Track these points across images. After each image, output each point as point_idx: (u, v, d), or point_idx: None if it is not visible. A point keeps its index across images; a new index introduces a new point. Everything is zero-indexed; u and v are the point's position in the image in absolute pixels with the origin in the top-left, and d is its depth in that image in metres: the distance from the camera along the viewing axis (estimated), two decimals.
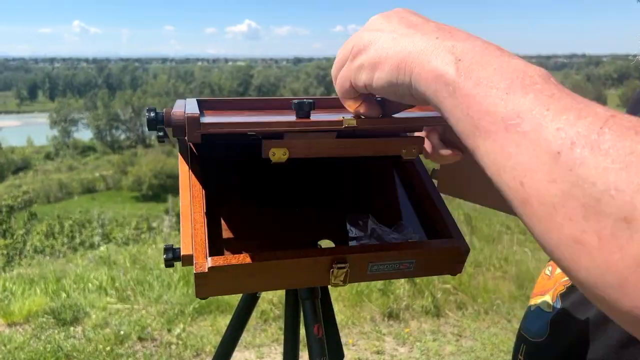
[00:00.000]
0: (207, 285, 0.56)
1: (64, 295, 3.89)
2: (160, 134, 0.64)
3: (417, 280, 3.83)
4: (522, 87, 0.37)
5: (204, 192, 0.63)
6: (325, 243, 0.66)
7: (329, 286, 0.68)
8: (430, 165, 0.79)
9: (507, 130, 0.36)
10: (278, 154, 0.55)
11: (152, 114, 0.60)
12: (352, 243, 0.65)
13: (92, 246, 8.79)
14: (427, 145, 0.74)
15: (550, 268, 0.78)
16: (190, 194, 0.62)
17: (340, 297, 3.70)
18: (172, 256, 0.59)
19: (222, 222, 0.64)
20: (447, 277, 3.95)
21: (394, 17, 0.50)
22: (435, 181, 0.79)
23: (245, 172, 0.73)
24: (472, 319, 3.53)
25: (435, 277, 3.91)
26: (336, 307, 2.21)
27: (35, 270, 5.23)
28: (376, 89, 0.48)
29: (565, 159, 0.33)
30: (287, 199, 0.70)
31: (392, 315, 3.56)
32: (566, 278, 0.70)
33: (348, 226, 0.66)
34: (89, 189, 49.81)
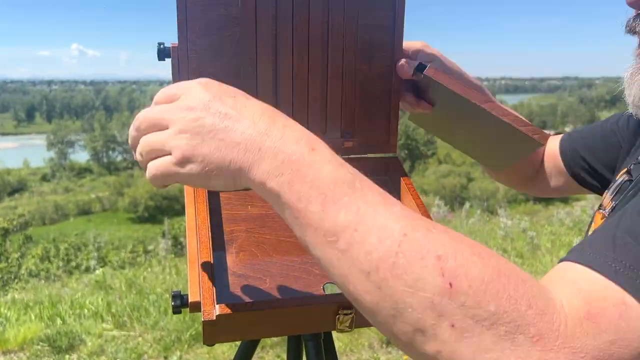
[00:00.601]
0: (215, 333, 0.57)
1: (59, 321, 3.86)
2: None
3: None
4: (333, 202, 0.44)
5: (210, 235, 0.64)
6: (330, 287, 0.66)
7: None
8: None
9: (329, 246, 0.44)
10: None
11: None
12: None
13: (87, 270, 8.73)
14: (409, 99, 0.91)
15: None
16: (197, 239, 0.63)
17: None
18: (180, 303, 0.60)
19: (229, 265, 0.65)
20: None
21: (213, 100, 0.49)
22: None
23: (251, 215, 0.74)
24: None
25: None
26: (334, 334, 2.20)
27: (30, 295, 5.19)
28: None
29: (373, 278, 0.41)
30: (292, 243, 0.72)
31: (390, 342, 3.53)
32: None
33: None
34: (84, 211, 49.62)
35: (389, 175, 0.86)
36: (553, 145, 1.04)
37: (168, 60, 0.76)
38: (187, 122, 0.48)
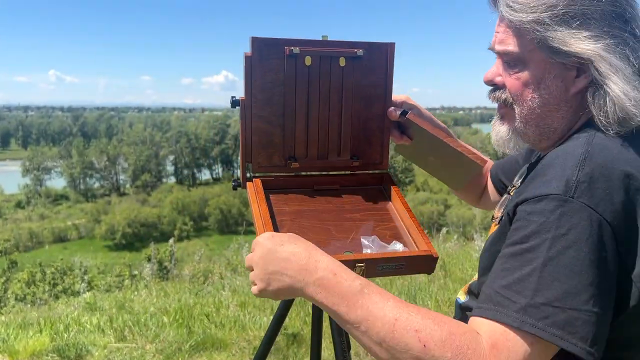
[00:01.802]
0: None
1: (65, 335, 4.09)
2: (235, 184, 1.04)
3: None
4: (353, 305, 0.81)
5: (270, 218, 1.02)
6: (348, 253, 1.04)
7: None
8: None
9: (354, 330, 0.81)
10: None
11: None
12: (365, 251, 1.04)
13: (74, 294, 8.87)
14: (395, 134, 1.28)
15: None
16: (263, 223, 1.00)
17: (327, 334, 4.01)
18: None
19: None
20: None
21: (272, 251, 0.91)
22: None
23: (291, 210, 1.12)
24: None
25: None
26: (323, 343, 2.48)
27: (19, 319, 5.34)
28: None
29: (383, 346, 0.78)
30: (321, 228, 1.10)
31: None
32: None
33: (362, 242, 1.05)
34: (60, 238, 48.92)
35: (382, 185, 1.25)
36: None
37: (144, 89, 1.14)
38: (259, 271, 0.91)
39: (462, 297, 1.15)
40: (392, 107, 1.23)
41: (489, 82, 1.02)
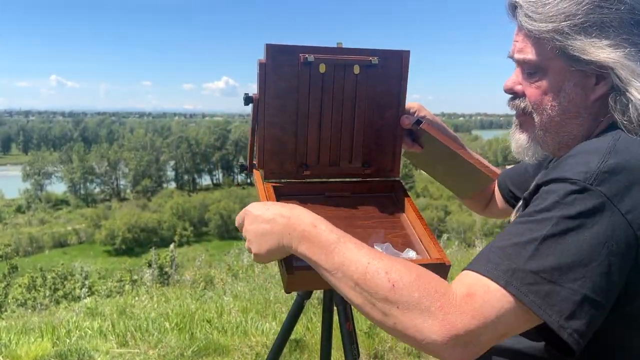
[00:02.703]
0: (293, 283, 0.94)
1: (67, 340, 4.08)
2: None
3: None
4: (330, 253, 0.87)
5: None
6: None
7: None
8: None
9: (331, 276, 0.87)
10: None
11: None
12: None
13: (75, 299, 8.85)
14: (407, 142, 1.29)
15: None
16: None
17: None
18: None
19: None
20: None
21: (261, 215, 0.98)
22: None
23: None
24: None
25: None
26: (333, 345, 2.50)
27: (20, 323, 5.33)
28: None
29: (357, 289, 0.83)
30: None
31: (377, 357, 3.85)
32: None
33: (376, 249, 1.05)
34: (60, 243, 48.86)
35: (394, 193, 1.25)
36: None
37: (145, 95, 1.15)
38: (250, 236, 0.98)
39: None
40: (405, 116, 1.23)
41: (509, 91, 1.04)
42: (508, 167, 1.47)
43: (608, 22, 0.89)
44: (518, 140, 1.05)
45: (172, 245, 12.16)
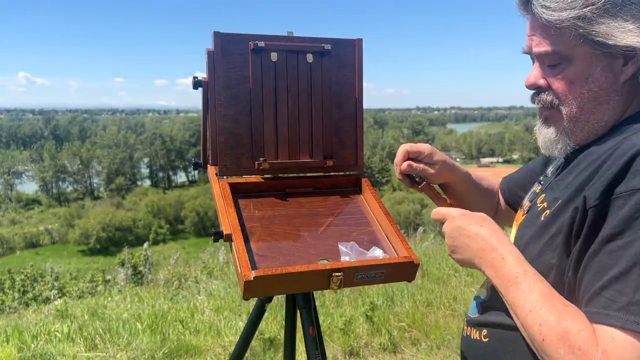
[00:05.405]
0: (251, 290, 0.86)
1: (32, 345, 3.93)
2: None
3: (375, 319, 4.11)
4: (520, 285, 0.89)
5: (239, 226, 0.94)
6: (323, 262, 0.97)
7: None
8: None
9: (509, 309, 0.90)
10: None
11: None
12: (344, 258, 0.97)
13: (46, 300, 8.61)
14: (407, 181, 1.22)
15: None
16: (233, 234, 0.93)
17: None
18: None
19: (253, 249, 0.95)
20: (402, 315, 4.26)
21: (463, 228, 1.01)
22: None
23: (262, 216, 1.04)
24: (426, 354, 3.82)
25: (391, 316, 4.21)
26: (299, 348, 2.43)
27: None
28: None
29: (523, 329, 0.89)
30: (294, 234, 1.02)
31: (352, 353, 3.80)
32: None
33: (340, 249, 0.98)
34: (32, 244, 47.83)
35: (358, 187, 1.18)
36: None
37: (118, 91, 1.07)
38: (449, 241, 1.01)
39: (482, 295, 1.12)
40: (408, 162, 1.18)
41: (532, 86, 1.01)
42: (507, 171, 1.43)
43: (629, 1, 0.87)
44: (546, 134, 1.03)
45: (146, 244, 11.94)
